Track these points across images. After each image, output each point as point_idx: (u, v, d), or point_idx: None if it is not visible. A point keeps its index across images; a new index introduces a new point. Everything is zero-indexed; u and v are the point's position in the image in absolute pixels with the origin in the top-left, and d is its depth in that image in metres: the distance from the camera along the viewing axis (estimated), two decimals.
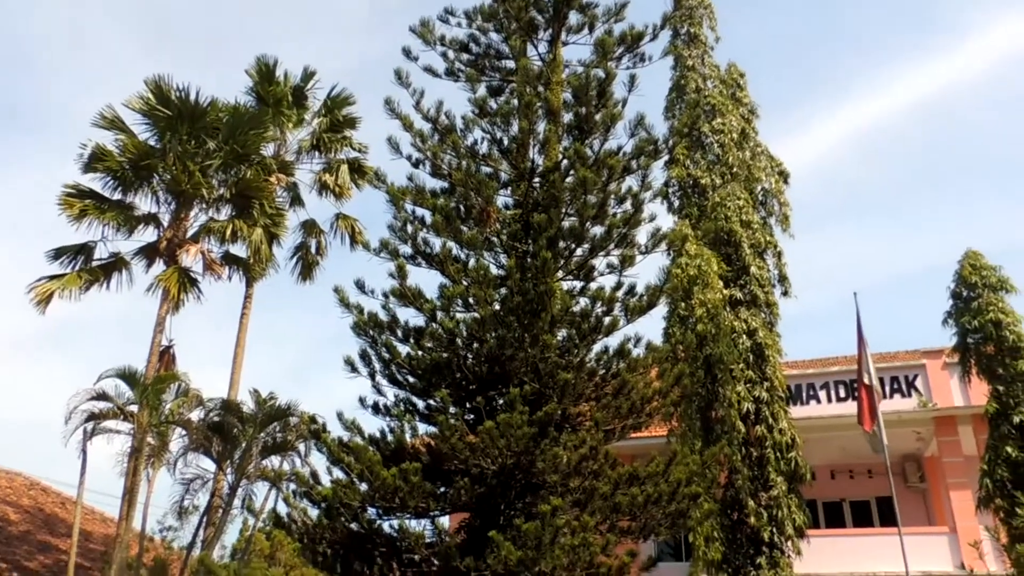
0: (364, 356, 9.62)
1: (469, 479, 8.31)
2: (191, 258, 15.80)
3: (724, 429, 13.03)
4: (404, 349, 9.52)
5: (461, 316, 9.51)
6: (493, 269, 9.68)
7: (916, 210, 62.56)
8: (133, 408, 13.85)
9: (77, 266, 15.57)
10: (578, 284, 10.22)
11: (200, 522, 14.79)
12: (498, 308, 9.33)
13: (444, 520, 9.29)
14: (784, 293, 15.43)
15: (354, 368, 9.60)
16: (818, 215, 61.95)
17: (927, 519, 16.54)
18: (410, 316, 9.72)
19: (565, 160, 10.12)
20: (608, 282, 10.17)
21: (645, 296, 9.80)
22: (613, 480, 8.53)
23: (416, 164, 10.49)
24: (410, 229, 9.96)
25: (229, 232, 16.34)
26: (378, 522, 8.92)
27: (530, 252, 9.52)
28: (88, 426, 13.52)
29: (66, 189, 15.39)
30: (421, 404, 9.71)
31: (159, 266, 15.93)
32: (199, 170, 15.50)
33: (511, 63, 11.08)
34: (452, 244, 9.91)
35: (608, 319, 9.56)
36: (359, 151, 19.07)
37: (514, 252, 9.76)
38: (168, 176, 15.58)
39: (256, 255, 16.56)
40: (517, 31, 11.04)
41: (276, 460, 14.98)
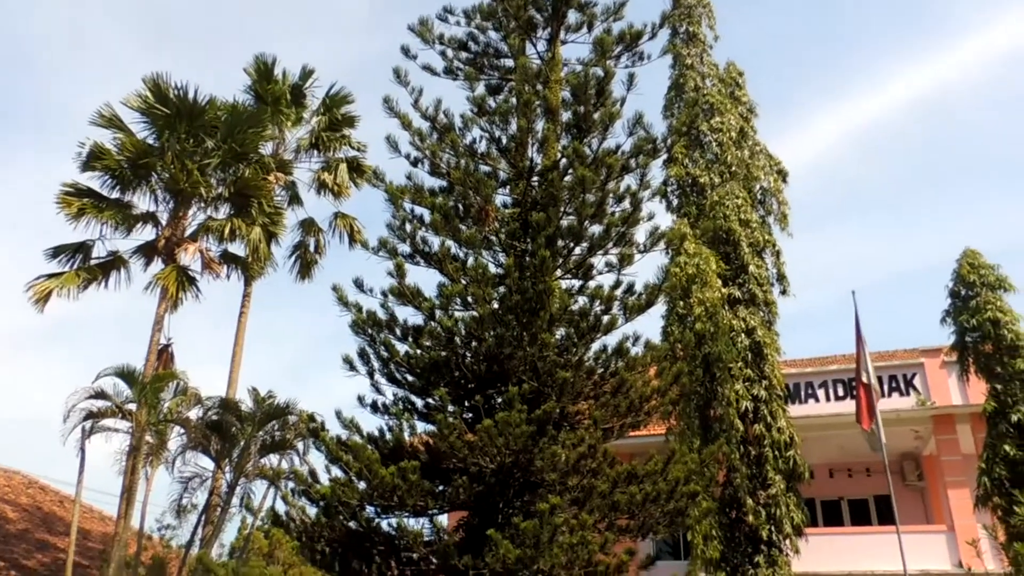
0: (363, 355, 9.62)
1: (468, 477, 8.31)
2: (189, 257, 15.77)
3: (723, 427, 13.05)
4: (403, 347, 9.54)
5: (460, 315, 9.52)
6: (492, 268, 9.70)
7: (915, 208, 62.66)
8: (132, 406, 13.82)
9: (75, 265, 15.53)
10: (577, 283, 10.26)
11: (198, 520, 14.78)
12: (497, 307, 9.33)
13: (443, 518, 9.33)
14: (783, 292, 15.48)
15: (353, 367, 9.61)
16: (817, 214, 62.06)
17: (925, 518, 16.55)
18: (409, 315, 9.75)
19: (564, 159, 10.13)
20: (607, 281, 10.21)
21: (644, 295, 9.81)
22: (612, 478, 8.53)
23: (415, 163, 10.50)
24: (409, 228, 9.98)
25: (227, 231, 16.31)
26: (376, 520, 8.93)
27: (529, 251, 9.53)
28: (86, 424, 13.50)
29: (64, 188, 15.34)
30: (420, 402, 9.72)
31: (157, 265, 15.90)
32: (197, 169, 15.47)
33: (510, 62, 11.08)
34: (451, 243, 9.93)
35: (607, 318, 9.56)
36: (358, 150, 19.08)
37: (513, 251, 9.77)
38: (166, 175, 15.55)
39: (254, 254, 16.54)
40: (516, 30, 11.04)
41: (275, 458, 14.97)
